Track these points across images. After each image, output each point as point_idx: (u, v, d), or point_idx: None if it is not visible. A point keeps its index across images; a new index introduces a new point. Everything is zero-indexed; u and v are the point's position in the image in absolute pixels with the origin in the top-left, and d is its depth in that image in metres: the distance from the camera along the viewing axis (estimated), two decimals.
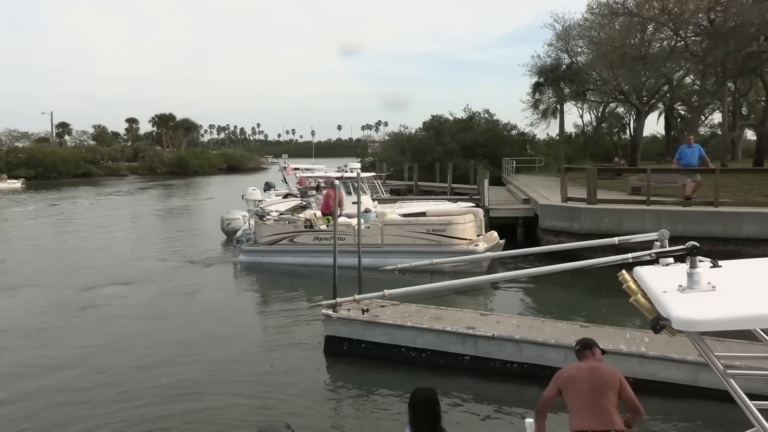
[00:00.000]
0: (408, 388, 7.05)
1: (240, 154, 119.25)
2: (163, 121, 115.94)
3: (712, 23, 29.18)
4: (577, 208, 17.68)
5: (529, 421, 3.61)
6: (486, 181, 25.53)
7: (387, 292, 3.63)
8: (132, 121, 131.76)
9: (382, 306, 10.03)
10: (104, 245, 23.49)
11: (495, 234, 18.35)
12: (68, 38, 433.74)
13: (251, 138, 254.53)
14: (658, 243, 3.73)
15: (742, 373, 3.29)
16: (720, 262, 3.03)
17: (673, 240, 16.20)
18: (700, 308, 2.50)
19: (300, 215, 19.21)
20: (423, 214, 18.96)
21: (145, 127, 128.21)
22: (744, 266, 3.33)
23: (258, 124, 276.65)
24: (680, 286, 2.72)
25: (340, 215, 18.30)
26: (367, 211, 18.85)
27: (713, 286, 2.70)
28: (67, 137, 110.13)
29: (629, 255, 3.16)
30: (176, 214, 35.79)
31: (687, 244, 2.82)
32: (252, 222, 19.26)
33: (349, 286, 11.52)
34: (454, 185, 35.68)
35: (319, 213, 19.09)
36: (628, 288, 3.01)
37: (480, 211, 18.67)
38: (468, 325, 9.47)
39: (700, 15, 29.71)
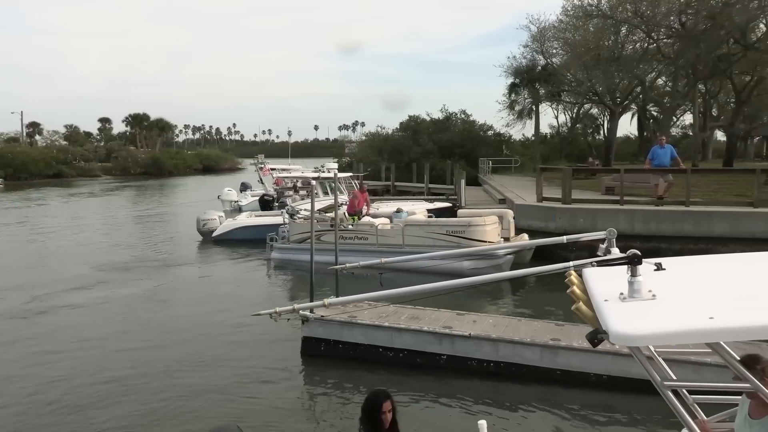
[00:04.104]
0: (386, 388, 7.04)
1: (216, 154, 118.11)
2: (137, 121, 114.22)
3: (683, 26, 29.69)
4: (553, 207, 17.86)
5: (482, 422, 3.55)
6: (462, 182, 25.73)
7: (327, 301, 3.54)
8: (105, 121, 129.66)
9: (368, 305, 10.00)
10: (75, 247, 23.08)
11: (526, 237, 17.00)
12: (40, 36, 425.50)
13: (227, 138, 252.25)
14: (603, 245, 3.62)
15: (680, 385, 3.32)
16: (664, 263, 2.92)
17: (646, 239, 16.44)
18: (637, 322, 2.40)
19: (327, 214, 19.20)
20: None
21: (118, 127, 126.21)
22: (686, 267, 3.29)
23: (234, 124, 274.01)
24: (621, 294, 2.64)
25: (365, 215, 18.46)
26: (399, 210, 18.96)
27: (653, 295, 2.61)
28: (37, 137, 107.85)
29: (570, 264, 3.04)
30: (151, 215, 35.31)
31: (628, 252, 2.71)
32: (285, 219, 19.25)
33: (350, 284, 11.44)
34: (431, 185, 35.81)
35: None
36: (572, 293, 2.90)
37: (509, 212, 17.37)
38: (445, 325, 9.51)
39: (672, 18, 30.20)
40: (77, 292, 15.18)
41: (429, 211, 20.67)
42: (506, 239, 16.65)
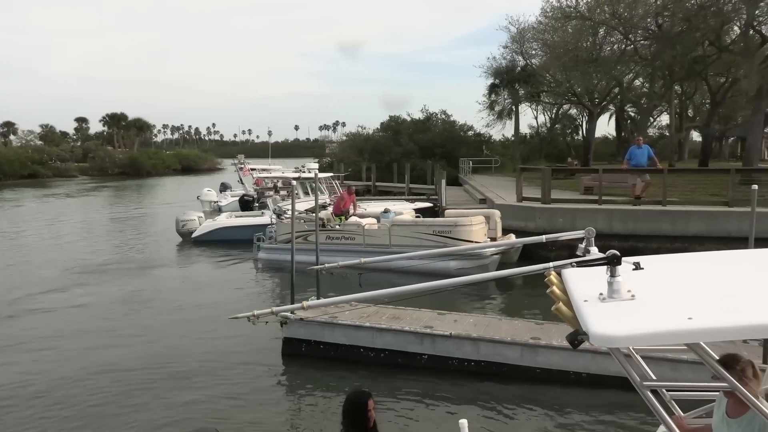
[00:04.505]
0: (366, 388, 7.02)
1: (195, 154, 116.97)
2: (114, 120, 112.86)
3: (660, 28, 30.09)
4: (532, 207, 18.00)
5: (463, 421, 3.54)
6: (443, 182, 25.80)
7: (306, 303, 3.51)
8: (82, 121, 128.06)
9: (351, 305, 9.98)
10: (50, 248, 22.70)
11: (512, 237, 16.90)
12: (13, 35, 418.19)
13: (206, 138, 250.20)
14: (582, 244, 3.63)
15: (659, 385, 3.36)
16: (642, 261, 2.92)
17: (624, 238, 16.60)
18: (617, 323, 2.41)
19: (314, 214, 19.08)
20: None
21: (95, 127, 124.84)
22: (664, 265, 3.31)
23: (213, 124, 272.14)
24: (601, 294, 2.64)
25: (351, 215, 18.44)
26: (386, 211, 18.95)
27: (632, 295, 2.62)
28: (12, 137, 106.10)
29: (550, 264, 3.04)
30: (129, 216, 34.88)
31: (607, 253, 2.71)
32: (272, 219, 19.15)
33: (336, 284, 11.39)
34: (411, 185, 35.87)
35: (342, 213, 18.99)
36: (552, 293, 2.89)
37: (496, 212, 17.37)
38: (426, 325, 9.53)
39: (649, 20, 30.59)
40: (51, 295, 14.94)
41: (416, 211, 20.74)
42: (493, 239, 16.66)
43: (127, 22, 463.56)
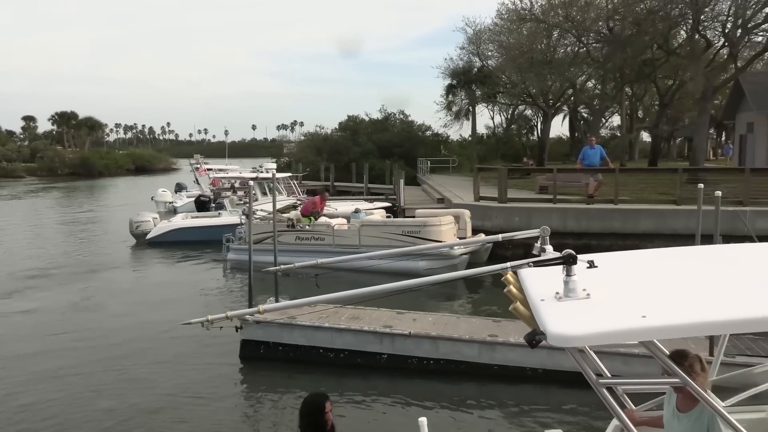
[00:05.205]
0: (326, 389, 6.99)
1: (149, 154, 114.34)
2: (64, 119, 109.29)
3: (611, 31, 30.91)
4: (489, 206, 18.24)
5: (422, 419, 3.57)
6: (401, 181, 25.91)
7: (262, 307, 3.45)
8: (29, 119, 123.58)
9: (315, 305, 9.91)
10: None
11: (482, 236, 16.53)
12: None
13: (161, 138, 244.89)
14: (538, 243, 3.70)
15: (614, 382, 3.46)
16: (596, 259, 2.97)
17: (577, 236, 16.94)
18: (574, 323, 2.46)
19: (285, 215, 18.82)
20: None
21: (44, 126, 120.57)
22: (617, 263, 3.39)
23: (168, 123, 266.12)
24: (557, 293, 2.68)
25: (320, 216, 18.25)
26: (357, 211, 18.82)
27: (588, 294, 2.65)
28: None
29: (508, 264, 3.07)
30: (79, 217, 33.87)
31: (563, 252, 2.75)
32: (241, 220, 18.75)
33: (300, 284, 11.25)
34: (370, 185, 35.91)
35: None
36: (509, 293, 2.91)
37: (466, 212, 17.35)
38: (385, 324, 9.56)
39: (600, 23, 31.39)
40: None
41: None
42: (462, 239, 16.63)
43: (79, 17, 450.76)
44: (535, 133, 55.53)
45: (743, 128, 30.91)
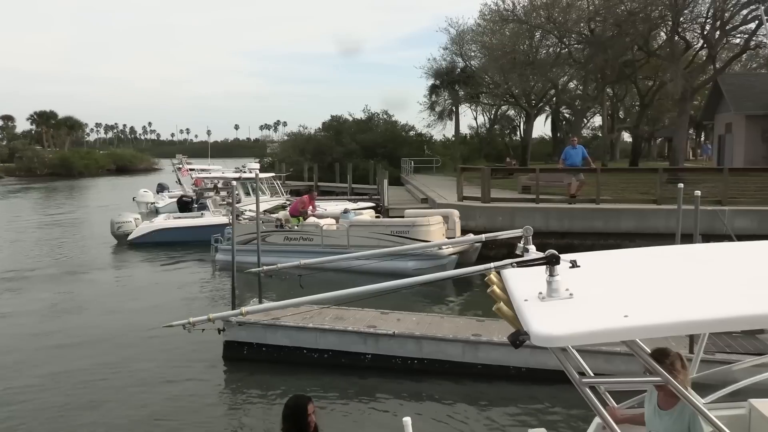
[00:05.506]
0: (309, 390, 6.99)
1: (130, 154, 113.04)
2: (43, 118, 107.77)
3: (592, 32, 31.21)
4: (473, 206, 18.32)
5: (407, 419, 3.59)
6: (385, 181, 25.87)
7: (245, 309, 3.44)
8: (7, 119, 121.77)
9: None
10: None
11: (471, 236, 17.07)
12: None
13: (142, 137, 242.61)
14: (521, 242, 3.72)
15: (597, 381, 3.49)
16: (579, 259, 2.99)
17: (560, 235, 17.06)
18: (557, 323, 2.47)
19: (273, 215, 18.70)
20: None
21: (22, 125, 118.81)
22: (599, 262, 3.42)
23: (150, 123, 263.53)
24: (540, 293, 2.69)
25: (309, 216, 18.18)
26: (346, 211, 18.76)
27: (571, 294, 2.67)
28: None
29: (491, 264, 3.09)
30: (60, 218, 33.41)
31: (546, 252, 2.77)
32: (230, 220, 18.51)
33: (286, 285, 11.15)
34: (354, 185, 35.88)
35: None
36: (492, 293, 2.92)
37: (455, 212, 17.13)
38: (369, 324, 9.56)
39: (582, 24, 31.69)
40: None
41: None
42: (450, 239, 16.61)
43: (58, 15, 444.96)
44: (518, 133, 55.89)
45: (722, 128, 31.38)
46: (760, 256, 3.54)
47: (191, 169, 36.59)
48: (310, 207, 19.01)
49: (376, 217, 18.71)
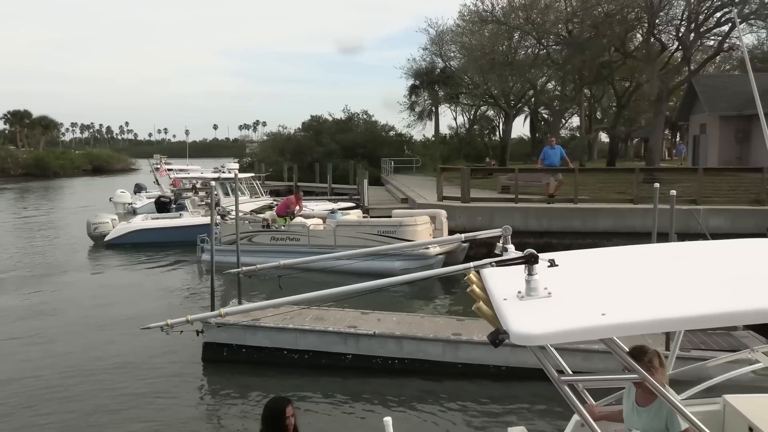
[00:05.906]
0: (290, 391, 6.95)
1: (107, 154, 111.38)
2: (17, 118, 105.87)
3: (570, 34, 31.52)
4: (452, 206, 18.38)
5: (387, 419, 3.60)
6: (365, 181, 25.90)
7: (224, 310, 3.41)
8: None
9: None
10: None
11: (458, 236, 16.86)
12: None
13: (119, 137, 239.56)
14: (500, 242, 3.74)
15: (576, 379, 3.53)
16: (557, 258, 3.01)
17: (539, 235, 17.18)
18: (536, 322, 2.50)
19: (260, 215, 18.55)
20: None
21: None
22: (577, 261, 3.45)
23: (127, 123, 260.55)
24: (519, 293, 2.72)
25: (296, 216, 18.08)
26: (333, 211, 18.66)
27: (549, 293, 2.70)
28: None
29: (471, 264, 3.11)
30: (34, 219, 32.85)
31: (525, 252, 2.79)
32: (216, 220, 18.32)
33: (267, 286, 11.11)
34: (334, 185, 35.84)
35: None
36: (472, 292, 2.94)
37: (442, 212, 17.08)
38: (350, 325, 9.54)
39: (560, 26, 31.98)
40: None
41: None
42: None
43: (33, 12, 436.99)
44: (497, 133, 56.24)
45: (696, 129, 31.89)
46: (734, 254, 3.60)
47: (169, 170, 36.17)
48: (297, 207, 18.96)
49: (364, 217, 18.67)
